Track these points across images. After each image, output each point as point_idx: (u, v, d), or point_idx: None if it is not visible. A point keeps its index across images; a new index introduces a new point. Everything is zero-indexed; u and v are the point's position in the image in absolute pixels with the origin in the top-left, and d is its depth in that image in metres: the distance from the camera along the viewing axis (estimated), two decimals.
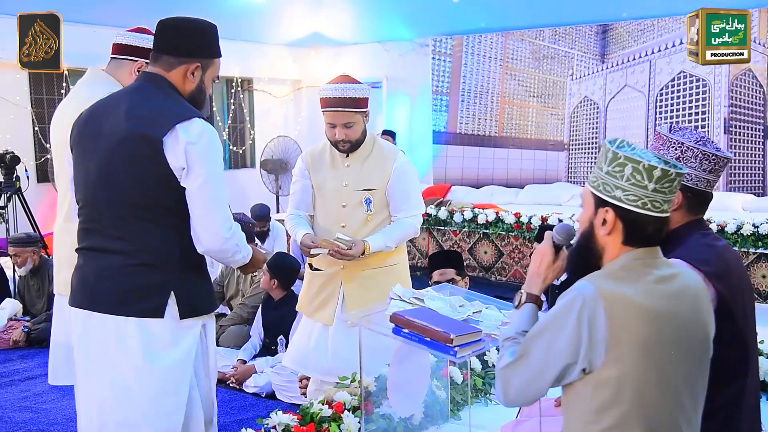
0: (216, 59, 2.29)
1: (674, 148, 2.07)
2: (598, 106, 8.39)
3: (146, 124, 2.09)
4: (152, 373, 2.12)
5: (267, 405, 4.06)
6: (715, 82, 7.49)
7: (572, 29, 8.44)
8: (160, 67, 2.21)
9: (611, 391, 1.55)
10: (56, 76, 7.55)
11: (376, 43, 9.53)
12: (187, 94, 2.22)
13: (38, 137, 7.59)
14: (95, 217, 2.18)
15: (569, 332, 1.56)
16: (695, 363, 1.63)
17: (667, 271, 1.65)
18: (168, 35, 2.23)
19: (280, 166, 8.62)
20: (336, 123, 3.07)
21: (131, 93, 2.23)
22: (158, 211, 2.13)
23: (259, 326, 4.70)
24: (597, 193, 1.67)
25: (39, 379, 4.60)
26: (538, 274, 1.85)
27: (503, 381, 1.68)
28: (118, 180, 2.11)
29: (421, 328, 2.10)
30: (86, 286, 2.18)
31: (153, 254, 2.13)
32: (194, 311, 2.20)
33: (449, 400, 2.88)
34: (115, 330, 2.12)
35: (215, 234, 2.15)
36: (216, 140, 2.17)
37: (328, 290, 3.19)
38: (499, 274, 6.98)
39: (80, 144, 2.24)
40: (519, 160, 8.97)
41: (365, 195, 3.13)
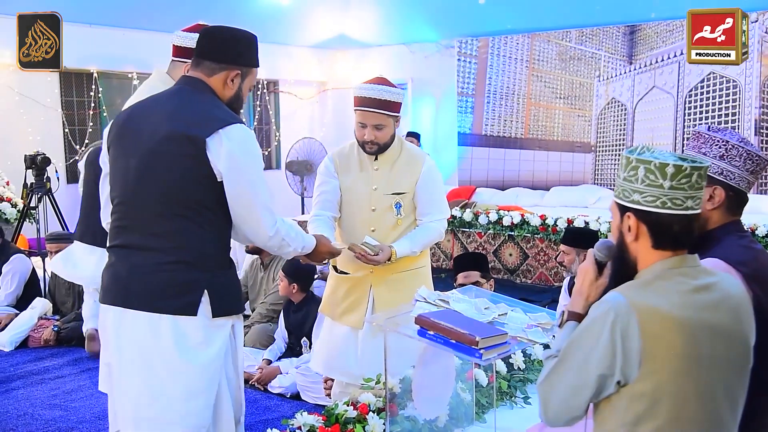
0: (255, 68, 2.36)
1: (717, 146, 2.04)
2: (625, 108, 8.31)
3: (190, 125, 2.14)
4: (185, 371, 2.14)
5: (292, 405, 4.07)
6: (746, 83, 7.38)
7: (599, 30, 8.37)
8: (202, 72, 2.27)
9: (646, 404, 1.52)
10: (86, 78, 7.67)
11: (401, 45, 9.53)
12: (225, 100, 2.29)
13: (68, 139, 7.71)
14: (132, 215, 2.21)
15: (603, 346, 1.54)
16: (735, 374, 1.60)
17: (706, 280, 1.62)
18: (212, 42, 2.28)
19: (305, 167, 8.66)
20: (367, 123, 3.05)
21: (173, 95, 2.28)
22: (196, 210, 2.16)
23: (283, 330, 4.73)
24: (618, 200, 1.67)
25: (68, 377, 4.66)
26: (581, 292, 1.82)
27: (543, 398, 1.66)
28: (158, 178, 2.15)
29: (446, 330, 2.10)
30: (119, 283, 2.20)
31: (189, 252, 2.16)
32: (226, 310, 2.23)
33: (474, 403, 2.87)
34: (149, 327, 2.14)
35: (258, 234, 2.26)
36: (256, 145, 2.26)
37: (356, 294, 3.16)
38: (524, 277, 6.94)
39: (119, 143, 2.28)
40: (545, 162, 8.91)
41: (395, 199, 3.11)
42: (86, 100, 7.80)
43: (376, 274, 3.11)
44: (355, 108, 3.12)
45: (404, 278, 3.13)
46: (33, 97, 7.42)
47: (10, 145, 7.21)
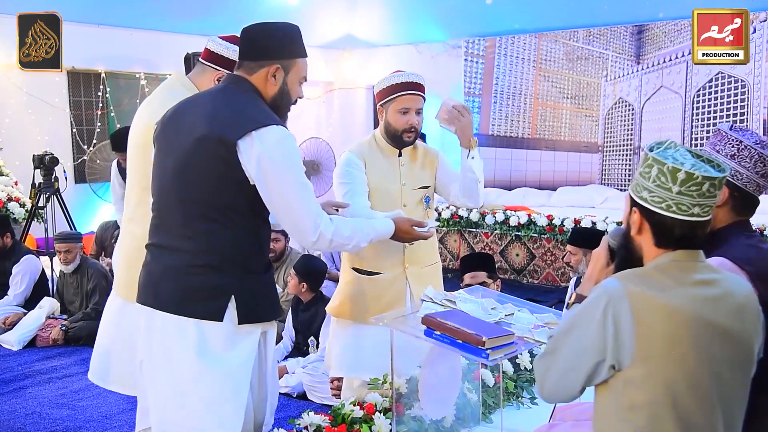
0: (298, 59, 2.25)
1: (731, 144, 2.04)
2: (633, 108, 8.28)
3: (224, 127, 2.08)
4: (208, 377, 2.10)
5: (298, 405, 4.08)
6: (755, 83, 7.34)
7: (607, 30, 8.35)
8: (244, 71, 2.22)
9: (642, 389, 1.55)
10: (94, 78, 7.70)
11: (408, 45, 9.53)
12: (269, 98, 2.21)
13: (76, 139, 7.74)
14: (166, 215, 2.19)
15: (594, 329, 1.58)
16: (731, 372, 1.59)
17: (708, 276, 1.63)
18: (247, 41, 2.23)
19: (312, 167, 8.67)
20: (410, 107, 3.02)
21: (215, 94, 2.23)
22: (227, 213, 2.12)
23: (290, 328, 4.73)
24: (631, 193, 1.70)
25: (76, 376, 4.68)
26: (591, 277, 1.87)
27: (539, 376, 1.72)
28: (191, 179, 2.12)
29: (453, 330, 2.10)
30: (151, 284, 2.19)
31: (218, 256, 2.12)
32: (254, 317, 2.17)
33: (481, 403, 2.87)
34: (176, 329, 2.11)
35: (301, 237, 2.22)
36: (292, 147, 2.14)
37: (392, 293, 3.06)
38: (531, 277, 6.93)
39: (161, 141, 2.25)
40: (552, 162, 8.89)
41: (424, 193, 3.13)
42: (94, 100, 7.83)
43: (411, 270, 3.05)
44: (392, 96, 3.03)
45: (431, 272, 3.14)
46: (41, 97, 7.45)
47: (18, 145, 7.25)
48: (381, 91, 3.07)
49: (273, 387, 2.38)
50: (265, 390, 2.32)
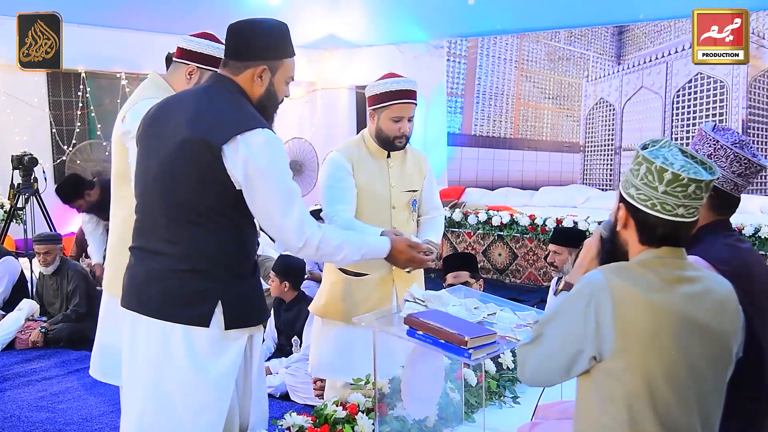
0: (286, 60, 2.19)
1: (708, 144, 2.07)
2: (614, 108, 8.34)
3: (208, 130, 2.03)
4: (194, 384, 2.07)
5: (281, 406, 4.06)
6: (733, 84, 7.43)
7: (588, 30, 8.40)
8: (229, 72, 2.15)
9: (620, 381, 1.57)
10: (74, 78, 7.62)
11: (391, 45, 9.53)
12: (256, 99, 2.15)
13: (56, 139, 7.66)
14: (150, 218, 2.14)
15: (576, 319, 1.61)
16: (708, 366, 1.61)
17: (690, 273, 1.65)
18: (233, 40, 2.16)
19: (295, 168, 8.65)
20: (403, 116, 3.02)
21: (198, 94, 2.17)
22: (212, 217, 2.07)
23: (272, 330, 4.71)
24: (620, 189, 1.73)
25: (56, 379, 4.64)
26: (581, 265, 1.91)
27: (520, 360, 1.76)
28: (174, 182, 2.06)
29: (435, 330, 2.10)
30: (135, 288, 2.14)
31: (203, 260, 2.07)
32: (241, 322, 2.13)
33: (463, 403, 2.88)
34: (161, 335, 2.07)
35: (285, 243, 2.16)
36: (279, 149, 2.09)
37: (378, 294, 3.07)
38: (513, 276, 6.96)
39: (144, 141, 2.20)
40: (534, 162, 8.94)
41: (411, 196, 3.14)
42: (74, 100, 7.75)
43: (397, 272, 3.05)
44: (386, 104, 3.02)
45: (416, 273, 3.15)
46: (20, 97, 7.37)
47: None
48: (375, 95, 3.04)
49: (261, 392, 2.34)
50: (249, 393, 2.28)
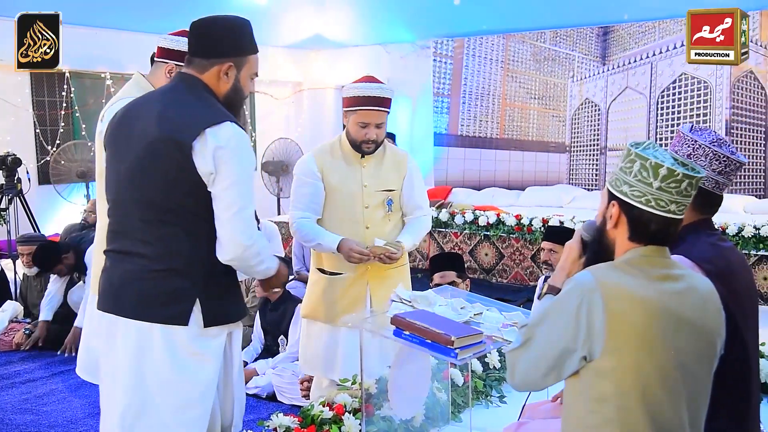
0: (251, 56, 2.22)
1: (687, 145, 2.09)
2: (599, 108, 8.38)
3: (176, 128, 2.04)
4: (176, 382, 2.07)
5: (268, 407, 4.05)
6: (717, 84, 7.49)
7: (573, 31, 8.44)
8: (194, 69, 2.17)
9: (611, 381, 1.57)
10: (58, 78, 7.57)
11: (377, 45, 9.53)
12: (222, 96, 2.17)
13: (39, 139, 7.60)
14: (123, 220, 2.14)
15: (567, 320, 1.61)
16: (697, 363, 1.63)
17: (674, 271, 1.67)
18: (197, 37, 2.18)
19: (281, 168, 8.62)
20: (369, 122, 3.05)
21: (164, 94, 2.19)
22: (185, 217, 2.08)
23: (259, 330, 4.70)
24: (609, 187, 1.73)
25: (40, 381, 4.60)
26: (563, 268, 1.91)
27: (510, 364, 1.74)
28: (146, 183, 2.07)
29: (422, 330, 2.10)
30: (111, 290, 2.14)
31: (179, 260, 2.08)
32: (219, 319, 2.14)
33: (450, 402, 2.88)
34: (140, 336, 2.07)
35: (235, 241, 2.09)
36: (246, 145, 2.12)
37: (353, 293, 3.12)
38: (500, 276, 6.98)
39: (112, 144, 2.21)
40: (520, 162, 8.96)
41: (386, 196, 3.15)
42: (58, 100, 7.69)
43: (372, 272, 3.10)
44: (355, 108, 3.07)
45: (395, 274, 3.16)
46: (3, 96, 7.30)
47: None
48: (345, 98, 3.11)
49: (240, 390, 2.35)
50: (231, 391, 2.29)
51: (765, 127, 7.35)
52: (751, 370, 2.04)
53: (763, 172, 7.39)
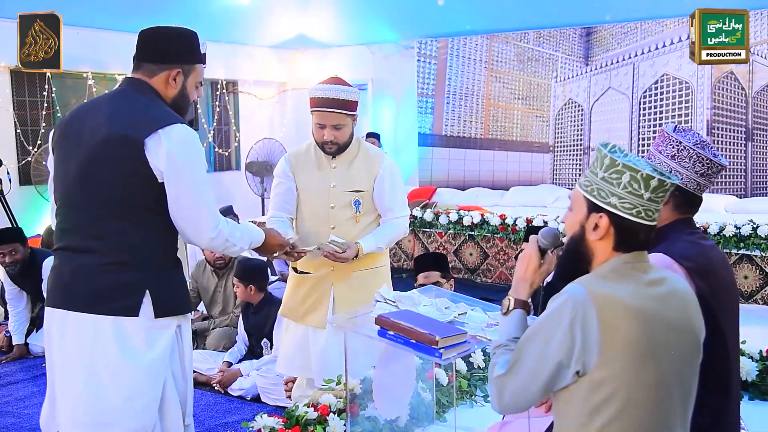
0: (197, 65, 2.36)
1: (671, 145, 2.10)
2: (582, 109, 8.43)
3: (128, 127, 2.14)
4: (127, 372, 2.14)
5: (252, 408, 4.04)
6: (698, 85, 7.56)
7: (556, 32, 8.49)
8: (143, 74, 2.28)
9: (604, 392, 1.55)
10: (39, 77, 7.49)
11: (361, 46, 9.53)
12: (170, 100, 2.29)
13: (20, 139, 7.52)
14: (73, 217, 2.21)
15: (562, 336, 1.56)
16: (686, 365, 1.64)
17: (656, 275, 1.67)
18: (149, 43, 2.30)
19: (265, 168, 8.60)
20: (325, 124, 3.07)
21: (114, 97, 2.29)
22: (136, 211, 2.17)
23: (243, 332, 4.69)
24: (591, 198, 1.67)
25: (21, 383, 4.56)
26: (525, 279, 1.83)
27: (497, 389, 1.67)
28: (97, 180, 2.15)
29: (406, 330, 2.10)
30: (62, 286, 2.21)
31: (129, 253, 2.16)
32: (169, 311, 2.23)
33: (435, 402, 2.88)
34: (91, 328, 2.14)
35: (200, 235, 2.25)
36: (197, 144, 2.24)
37: (317, 293, 3.16)
38: (484, 276, 7.00)
39: (61, 145, 2.27)
40: (504, 162, 9.00)
41: (354, 197, 3.14)
42: (39, 100, 7.62)
43: (337, 273, 3.11)
44: (312, 109, 3.12)
45: (365, 277, 3.14)
46: None
47: None
48: (310, 98, 3.15)
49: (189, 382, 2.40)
50: (188, 380, 2.35)
51: (746, 128, 7.43)
52: (732, 367, 2.06)
53: (744, 172, 7.47)
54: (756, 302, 5.76)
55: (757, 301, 5.76)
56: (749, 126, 7.41)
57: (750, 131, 7.40)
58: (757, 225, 5.73)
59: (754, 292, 5.77)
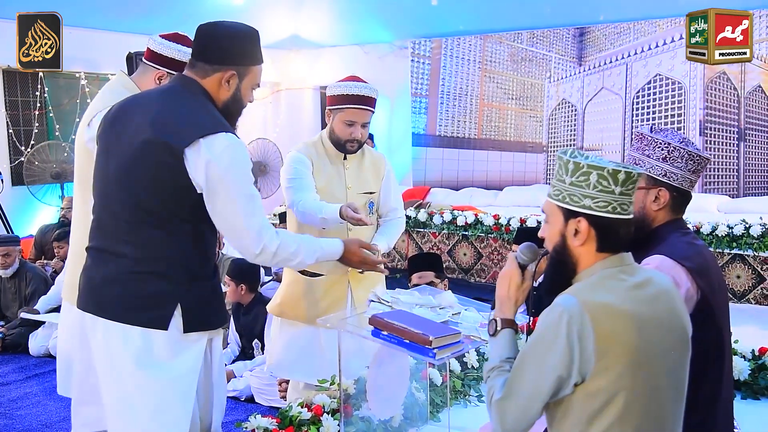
0: (255, 66, 2.21)
1: (660, 148, 2.10)
2: (575, 109, 8.45)
3: (170, 132, 2.01)
4: (152, 384, 2.06)
5: (246, 408, 4.04)
6: (691, 85, 7.58)
7: (550, 32, 8.50)
8: (196, 74, 2.14)
9: (601, 399, 1.55)
10: (31, 78, 7.46)
11: (355, 46, 9.52)
12: (221, 104, 2.15)
13: (13, 140, 7.49)
14: (108, 218, 2.12)
15: (560, 349, 1.55)
16: (678, 364, 1.65)
17: (641, 277, 1.67)
18: (203, 41, 2.15)
19: (259, 168, 8.58)
20: (357, 121, 3.04)
21: (163, 94, 2.16)
22: (171, 220, 2.06)
23: (235, 333, 4.68)
24: (564, 205, 1.67)
25: (13, 384, 4.54)
26: (509, 297, 1.82)
27: (499, 414, 1.65)
28: (135, 184, 2.05)
29: (400, 330, 2.10)
30: (93, 290, 2.12)
31: (162, 263, 2.06)
32: (200, 325, 2.13)
33: (428, 402, 2.89)
34: (120, 337, 2.05)
35: (243, 249, 2.14)
36: (242, 155, 2.08)
37: (334, 295, 3.10)
38: (478, 276, 7.01)
39: (104, 140, 2.17)
40: (498, 162, 9.01)
41: (368, 198, 3.15)
42: (32, 100, 7.59)
43: (353, 273, 3.08)
44: (340, 106, 3.05)
45: (375, 275, 3.13)
46: None
47: None
48: (332, 96, 3.08)
49: (220, 394, 2.33)
50: (211, 396, 2.27)
51: (738, 128, 7.45)
52: (725, 365, 2.07)
53: (736, 172, 7.50)
54: (748, 302, 5.78)
55: (749, 301, 5.78)
56: (741, 126, 7.43)
57: (742, 131, 7.43)
58: (750, 225, 5.75)
59: (747, 292, 5.79)
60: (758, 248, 5.65)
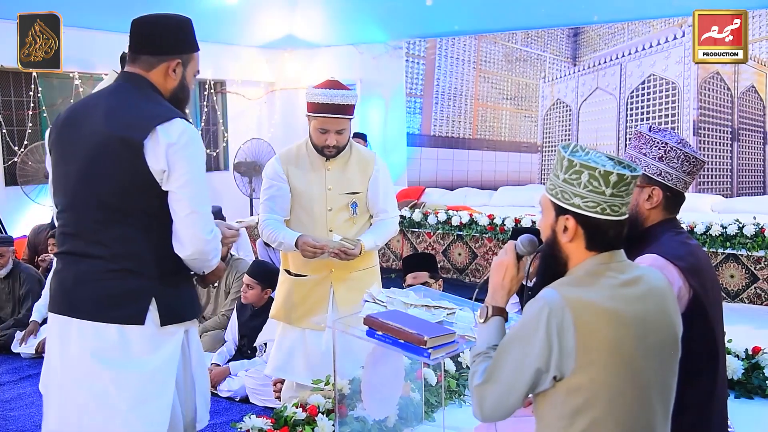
0: (195, 54, 2.26)
1: (657, 147, 2.11)
2: (570, 109, 8.46)
3: (126, 127, 2.05)
4: (131, 379, 2.08)
5: (241, 409, 4.03)
6: (684, 85, 7.60)
7: (544, 32, 8.51)
8: (140, 67, 2.18)
9: (583, 396, 1.55)
10: (24, 77, 7.44)
11: (350, 46, 9.52)
12: (169, 93, 2.20)
13: (6, 140, 7.47)
14: (75, 221, 2.13)
15: (539, 342, 1.56)
16: (665, 363, 1.64)
17: (632, 274, 1.66)
18: (143, 35, 2.19)
19: (253, 168, 8.57)
20: (329, 129, 3.06)
21: (110, 94, 2.19)
22: (139, 216, 2.09)
23: (234, 332, 4.65)
24: (556, 201, 1.68)
25: (7, 385, 4.52)
26: (503, 286, 1.83)
27: (478, 399, 1.67)
28: (98, 184, 2.07)
29: (394, 331, 2.10)
30: (65, 292, 2.13)
31: (133, 260, 2.09)
32: (176, 317, 2.16)
33: (423, 402, 2.89)
34: (95, 336, 2.07)
35: (196, 235, 2.12)
36: (198, 140, 2.14)
37: (316, 295, 3.14)
38: (473, 276, 7.01)
39: (59, 147, 2.19)
40: (493, 162, 9.01)
41: (350, 199, 3.15)
42: (25, 100, 7.56)
43: (336, 274, 3.11)
44: (313, 114, 3.08)
45: (362, 277, 3.16)
46: None
47: None
48: (308, 103, 3.10)
49: (203, 386, 2.34)
50: (192, 388, 2.29)
51: (731, 128, 7.48)
52: (719, 364, 2.08)
53: (730, 172, 7.52)
54: (742, 301, 5.80)
55: (743, 300, 5.80)
56: (735, 126, 7.46)
57: (736, 131, 7.45)
58: (743, 224, 5.78)
59: (740, 291, 5.81)
60: (752, 248, 5.68)
